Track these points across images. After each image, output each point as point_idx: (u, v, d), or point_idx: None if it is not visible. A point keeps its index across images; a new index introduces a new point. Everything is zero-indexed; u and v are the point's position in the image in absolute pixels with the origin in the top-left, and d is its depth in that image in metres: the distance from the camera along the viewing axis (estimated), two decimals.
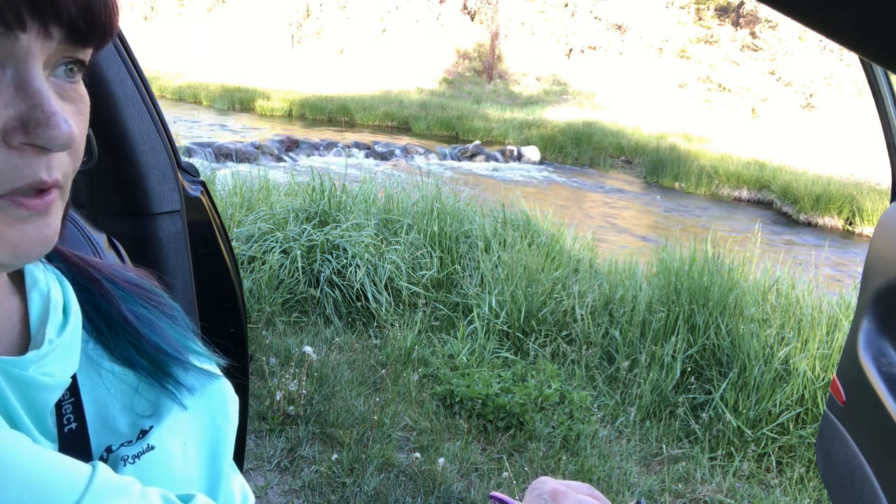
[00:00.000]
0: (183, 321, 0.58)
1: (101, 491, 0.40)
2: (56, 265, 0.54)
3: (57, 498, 0.38)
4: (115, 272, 0.56)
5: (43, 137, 0.38)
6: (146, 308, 0.55)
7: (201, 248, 1.37)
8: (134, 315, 0.53)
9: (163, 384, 0.53)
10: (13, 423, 0.43)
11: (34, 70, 0.39)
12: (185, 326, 0.58)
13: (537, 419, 3.02)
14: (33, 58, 0.39)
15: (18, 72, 0.38)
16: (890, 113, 1.56)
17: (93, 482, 0.40)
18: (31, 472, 0.38)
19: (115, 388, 0.51)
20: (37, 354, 0.45)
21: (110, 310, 0.53)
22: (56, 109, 0.39)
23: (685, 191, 13.91)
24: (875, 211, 11.05)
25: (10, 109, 0.38)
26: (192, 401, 0.54)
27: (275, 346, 3.45)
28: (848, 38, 0.36)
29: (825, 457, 1.78)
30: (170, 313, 0.57)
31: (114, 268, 0.57)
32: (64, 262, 0.54)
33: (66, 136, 0.39)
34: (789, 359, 3.29)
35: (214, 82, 21.97)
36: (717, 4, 27.28)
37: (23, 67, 0.38)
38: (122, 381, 0.52)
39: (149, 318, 0.55)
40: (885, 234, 1.59)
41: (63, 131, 0.39)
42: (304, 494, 2.43)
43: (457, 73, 28.29)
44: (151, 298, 0.56)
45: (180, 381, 0.53)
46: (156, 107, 1.22)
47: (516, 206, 5.32)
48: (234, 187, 5.13)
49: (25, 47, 0.38)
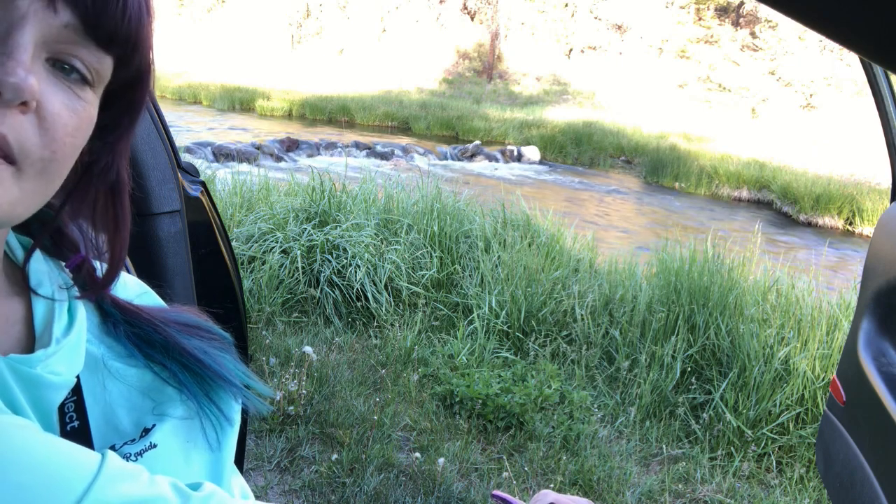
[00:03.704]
0: (233, 350, 0.60)
1: (110, 477, 0.40)
2: (109, 310, 0.54)
3: (67, 484, 0.38)
4: (166, 315, 0.57)
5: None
6: (199, 341, 0.57)
7: (201, 248, 1.37)
8: (191, 345, 0.55)
9: (206, 413, 0.54)
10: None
11: (23, 29, 0.38)
12: (236, 356, 0.60)
13: (537, 419, 3.02)
14: (27, 22, 0.38)
15: (8, 28, 0.38)
16: (890, 113, 1.56)
17: (102, 469, 0.40)
18: (41, 459, 0.38)
19: (124, 389, 0.52)
20: (45, 353, 0.45)
21: (167, 342, 0.54)
22: (23, 60, 0.38)
23: (685, 191, 13.91)
24: (875, 211, 11.05)
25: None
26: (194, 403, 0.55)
27: (275, 346, 3.45)
28: (848, 38, 0.36)
29: (825, 457, 1.78)
30: (224, 347, 0.59)
31: (165, 311, 0.58)
32: (116, 308, 0.55)
33: (18, 81, 0.37)
34: (789, 359, 3.29)
35: (214, 82, 21.97)
36: (717, 4, 27.27)
37: (12, 25, 0.38)
38: (127, 381, 0.52)
39: (204, 347, 0.56)
40: (885, 234, 1.59)
41: (18, 76, 0.37)
42: (304, 494, 2.43)
43: (457, 73, 28.28)
44: (204, 335, 0.58)
45: (224, 411, 0.55)
46: (156, 107, 1.22)
47: (516, 206, 5.32)
48: (234, 187, 5.13)
49: (23, 9, 0.38)
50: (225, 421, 0.55)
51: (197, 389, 0.54)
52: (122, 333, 0.54)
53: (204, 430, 0.54)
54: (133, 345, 0.53)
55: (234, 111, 19.57)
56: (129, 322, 0.54)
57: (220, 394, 0.55)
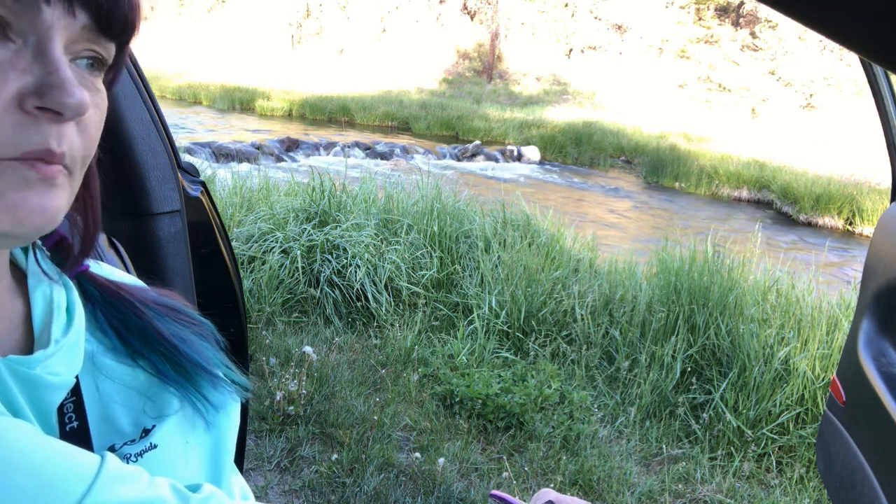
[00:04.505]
0: (214, 338, 0.59)
1: (110, 479, 0.40)
2: (87, 287, 0.54)
3: (66, 486, 0.38)
4: (145, 294, 0.57)
5: (56, 100, 0.39)
6: (178, 325, 0.56)
7: (201, 248, 1.37)
8: (168, 330, 0.55)
9: (191, 400, 0.54)
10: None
11: (54, 42, 0.40)
12: (216, 344, 0.59)
13: (537, 419, 3.02)
14: (55, 32, 0.40)
15: (39, 42, 0.40)
16: (890, 113, 1.56)
17: (102, 471, 0.40)
18: (40, 461, 0.38)
19: (119, 388, 0.52)
20: (44, 354, 0.45)
21: (144, 326, 0.54)
22: (71, 77, 0.40)
23: (685, 191, 13.92)
24: (875, 211, 11.05)
25: (27, 76, 0.39)
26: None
27: (275, 346, 3.45)
28: (848, 38, 0.36)
29: (825, 457, 1.78)
30: (202, 332, 0.58)
31: (144, 290, 0.58)
32: (95, 286, 0.55)
33: (77, 101, 0.40)
34: (789, 359, 3.29)
35: (214, 82, 21.97)
36: (717, 4, 27.28)
37: (43, 38, 0.40)
38: (125, 381, 0.52)
39: (182, 333, 0.56)
40: (885, 234, 1.59)
41: (76, 97, 0.40)
42: (304, 494, 2.43)
43: (457, 73, 28.29)
44: (182, 318, 0.57)
45: (209, 398, 0.55)
46: (156, 107, 1.22)
47: (516, 206, 5.32)
48: (234, 187, 5.13)
49: (48, 20, 0.39)
50: (211, 407, 0.54)
51: (178, 378, 0.53)
52: (102, 317, 0.53)
53: (194, 419, 0.54)
54: (112, 328, 0.53)
55: (234, 111, 19.57)
56: (107, 302, 0.54)
57: (202, 382, 0.54)
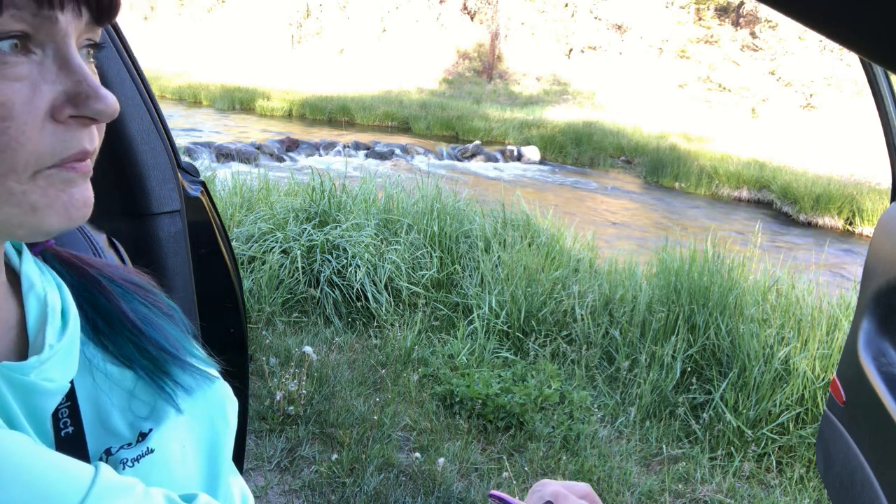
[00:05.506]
0: (181, 321, 0.58)
1: (104, 491, 0.39)
2: (52, 264, 0.53)
3: (60, 498, 0.38)
4: (112, 271, 0.56)
5: (94, 109, 0.41)
6: (145, 306, 0.55)
7: (201, 248, 1.37)
8: (134, 312, 0.53)
9: (160, 385, 0.52)
10: (13, 428, 0.42)
11: (73, 48, 0.41)
12: (183, 327, 0.58)
13: (537, 419, 3.02)
14: (70, 37, 0.41)
15: (59, 51, 0.40)
16: (890, 113, 1.56)
17: (96, 482, 0.39)
18: (33, 473, 0.37)
19: (113, 391, 0.51)
20: (38, 360, 0.44)
21: (110, 307, 0.52)
22: (98, 82, 0.42)
23: (685, 191, 13.91)
24: (875, 211, 11.05)
25: (57, 86, 0.40)
26: (191, 403, 0.53)
27: (275, 346, 3.45)
28: (848, 38, 0.36)
29: (825, 457, 1.78)
30: (168, 312, 0.57)
31: (111, 266, 0.57)
32: (60, 262, 0.54)
33: (113, 106, 0.42)
34: (789, 359, 3.29)
35: (214, 82, 21.96)
36: (717, 4, 27.27)
37: (63, 47, 0.41)
38: (118, 383, 0.51)
39: (148, 315, 0.54)
40: (885, 234, 1.59)
41: (111, 103, 0.42)
42: (304, 494, 2.43)
43: (457, 73, 28.28)
44: (150, 297, 0.56)
45: (178, 381, 0.53)
46: (156, 107, 1.22)
47: (516, 206, 5.32)
48: (234, 187, 5.13)
49: (63, 28, 0.40)
50: (181, 390, 0.53)
51: (144, 362, 0.52)
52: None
53: (190, 422, 0.53)
54: (80, 308, 0.51)
55: (235, 111, 19.57)
56: (73, 278, 0.53)
57: (169, 366, 0.53)
